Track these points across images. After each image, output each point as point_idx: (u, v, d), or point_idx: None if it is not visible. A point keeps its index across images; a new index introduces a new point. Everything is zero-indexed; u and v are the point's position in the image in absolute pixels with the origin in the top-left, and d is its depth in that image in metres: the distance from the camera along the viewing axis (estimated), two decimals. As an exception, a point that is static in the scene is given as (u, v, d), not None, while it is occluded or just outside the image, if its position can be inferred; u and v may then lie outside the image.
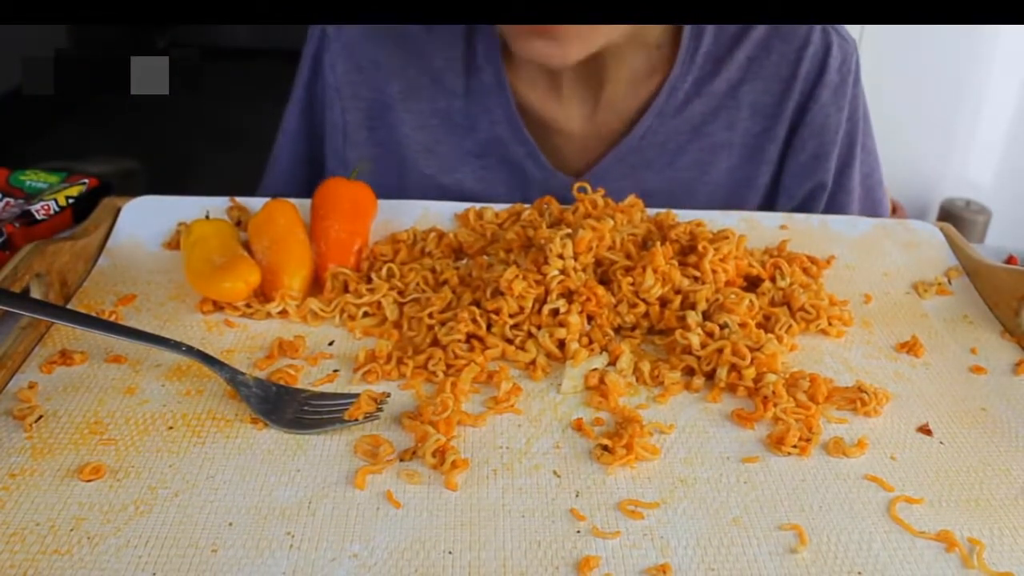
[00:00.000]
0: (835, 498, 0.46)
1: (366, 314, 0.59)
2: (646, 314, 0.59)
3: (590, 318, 0.58)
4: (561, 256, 0.58)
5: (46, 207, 0.69)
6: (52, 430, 0.48)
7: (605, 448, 0.48)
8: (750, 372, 0.53)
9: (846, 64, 0.80)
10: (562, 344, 0.56)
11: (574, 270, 0.58)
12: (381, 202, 0.68)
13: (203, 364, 0.52)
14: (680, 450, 0.49)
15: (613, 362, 0.55)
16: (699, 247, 0.60)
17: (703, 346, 0.55)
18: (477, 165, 0.81)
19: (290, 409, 0.50)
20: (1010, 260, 0.73)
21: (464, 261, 0.64)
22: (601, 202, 0.66)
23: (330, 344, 0.57)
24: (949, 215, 2.09)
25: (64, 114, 2.74)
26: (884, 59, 1.83)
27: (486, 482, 0.46)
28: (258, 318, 0.59)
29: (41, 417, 0.49)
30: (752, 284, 0.63)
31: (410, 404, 0.52)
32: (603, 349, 0.56)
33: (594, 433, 0.50)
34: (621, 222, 0.63)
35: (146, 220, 0.67)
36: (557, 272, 0.57)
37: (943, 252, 0.69)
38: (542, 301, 0.57)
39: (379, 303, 0.59)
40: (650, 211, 0.68)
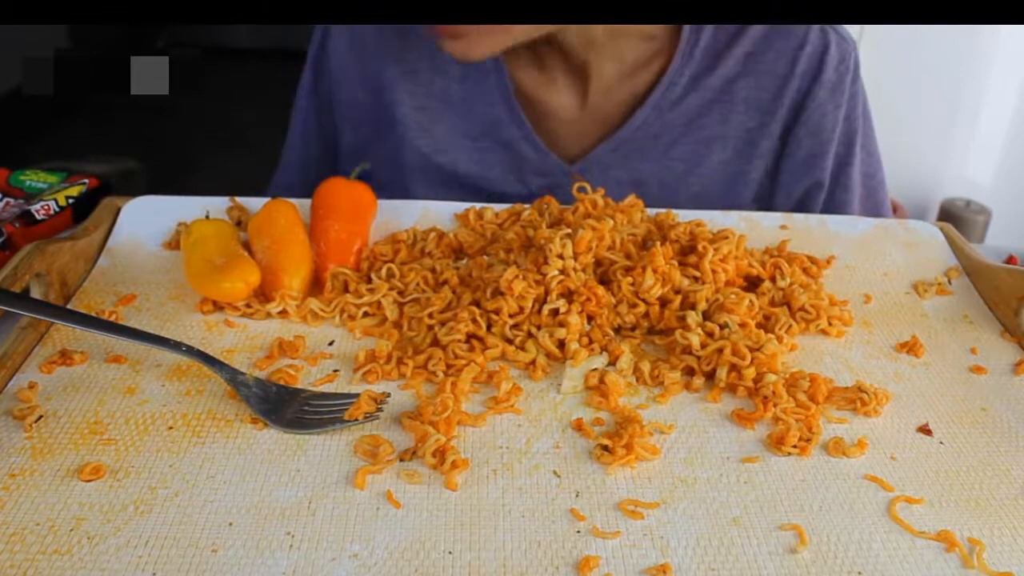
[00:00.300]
0: (835, 498, 0.46)
1: (366, 314, 0.59)
2: (646, 314, 0.59)
3: (590, 318, 0.58)
4: (561, 256, 0.58)
5: (46, 207, 0.69)
6: (52, 430, 0.48)
7: (605, 448, 0.48)
8: (750, 372, 0.53)
9: (844, 63, 0.81)
10: (562, 344, 0.56)
11: (574, 270, 0.58)
12: (381, 202, 0.69)
13: (203, 364, 0.52)
14: (680, 450, 0.49)
15: (613, 362, 0.55)
16: (699, 247, 0.61)
17: (703, 346, 0.55)
18: (473, 148, 0.83)
19: (290, 409, 0.50)
20: (1010, 260, 0.72)
21: (464, 261, 0.64)
22: (601, 202, 0.66)
23: (330, 344, 0.57)
24: (949, 215, 2.09)
25: (64, 114, 2.74)
26: (884, 59, 1.83)
27: (486, 482, 0.46)
28: (258, 318, 0.59)
29: (41, 417, 0.49)
30: (752, 284, 0.63)
31: (410, 404, 0.52)
32: (603, 349, 0.56)
33: (594, 433, 0.50)
34: (621, 222, 0.63)
35: (146, 220, 0.67)
36: (557, 272, 0.57)
37: (943, 252, 0.69)
38: (542, 301, 0.57)
39: (379, 303, 0.59)
40: (650, 211, 0.68)
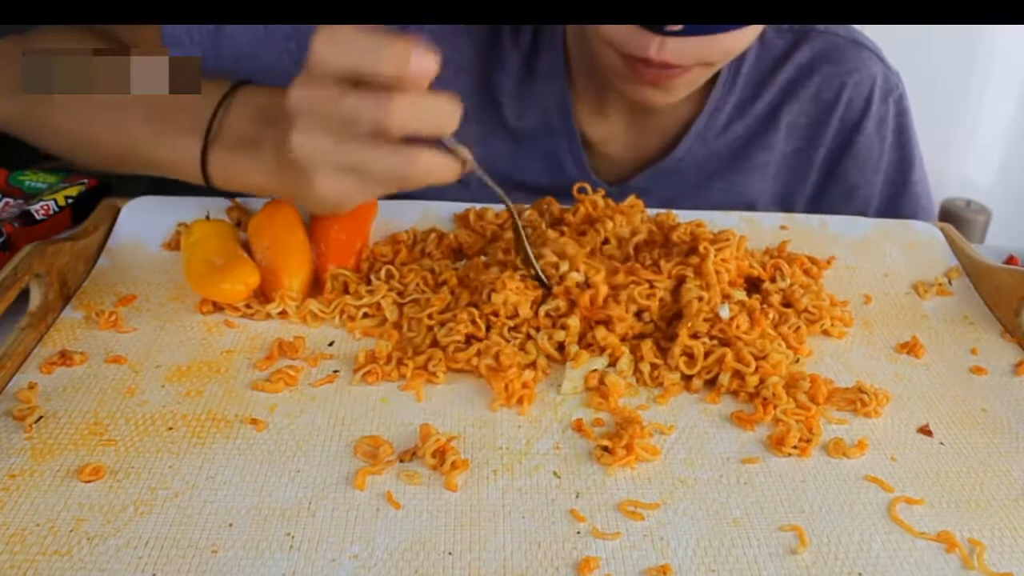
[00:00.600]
0: (835, 499, 0.46)
1: (366, 315, 0.59)
2: (647, 317, 0.58)
3: (590, 320, 0.57)
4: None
5: (46, 207, 0.68)
6: (52, 431, 0.48)
7: (605, 449, 0.48)
8: (753, 379, 0.53)
9: (892, 95, 0.80)
10: (561, 346, 0.56)
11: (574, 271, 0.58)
12: (381, 202, 0.68)
13: None
14: (680, 451, 0.49)
15: (613, 363, 0.55)
16: (700, 248, 0.60)
17: (706, 355, 0.54)
18: (513, 148, 0.80)
19: None
20: (1010, 260, 0.72)
21: (463, 262, 0.64)
22: (602, 203, 0.66)
23: (330, 345, 0.57)
24: (949, 215, 2.09)
25: (64, 114, 2.72)
26: (884, 59, 1.82)
27: (486, 483, 0.46)
28: (258, 319, 0.58)
29: (41, 418, 0.49)
30: (752, 285, 0.63)
31: (411, 404, 0.52)
32: (603, 350, 0.56)
33: (594, 434, 0.50)
34: (620, 223, 0.63)
35: (146, 220, 0.66)
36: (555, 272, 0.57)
37: (943, 252, 0.69)
38: (540, 303, 0.57)
39: (379, 304, 0.59)
40: (650, 211, 0.68)
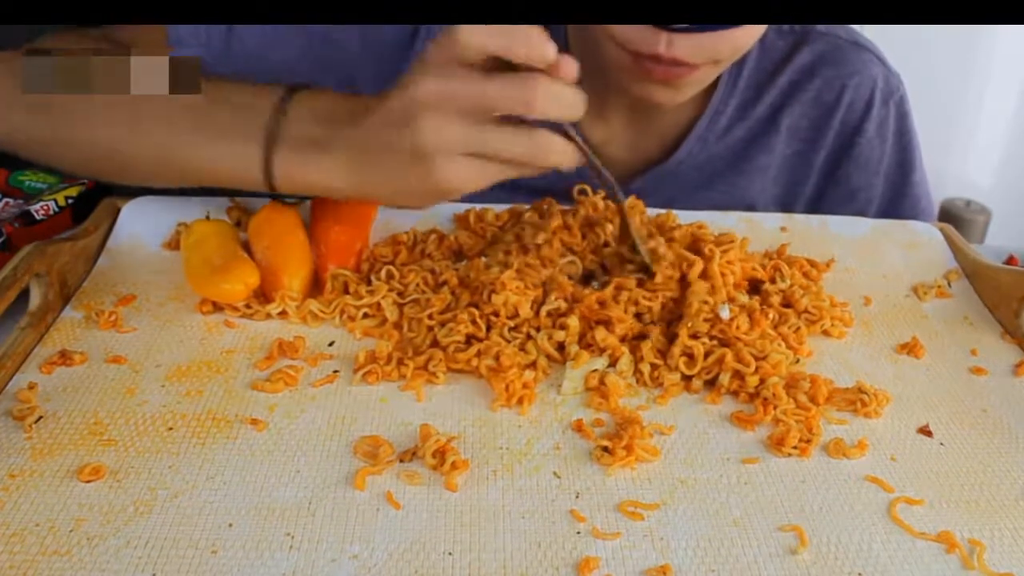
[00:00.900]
0: (835, 499, 0.46)
1: (366, 315, 0.59)
2: (647, 318, 0.58)
3: (590, 320, 0.57)
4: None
5: (45, 207, 0.69)
6: (52, 431, 0.48)
7: (605, 449, 0.48)
8: (753, 380, 0.53)
9: (892, 97, 0.80)
10: (561, 346, 0.56)
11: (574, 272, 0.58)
12: (381, 203, 0.68)
13: None
14: (680, 451, 0.49)
15: (613, 363, 0.55)
16: (705, 250, 0.60)
17: (706, 355, 0.54)
18: None
19: None
20: (1010, 260, 0.72)
21: (463, 262, 0.64)
22: (602, 204, 0.66)
23: (330, 345, 0.57)
24: (949, 215, 2.09)
25: (64, 114, 2.72)
26: (884, 59, 1.82)
27: (486, 483, 0.46)
28: (258, 319, 0.58)
29: (41, 418, 0.49)
30: (753, 287, 0.63)
31: (411, 404, 0.52)
32: (603, 351, 0.56)
33: (594, 434, 0.50)
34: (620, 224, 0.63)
35: (146, 220, 0.66)
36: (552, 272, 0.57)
37: (943, 253, 0.69)
38: (540, 303, 0.57)
39: (379, 304, 0.59)
40: (650, 211, 0.68)
